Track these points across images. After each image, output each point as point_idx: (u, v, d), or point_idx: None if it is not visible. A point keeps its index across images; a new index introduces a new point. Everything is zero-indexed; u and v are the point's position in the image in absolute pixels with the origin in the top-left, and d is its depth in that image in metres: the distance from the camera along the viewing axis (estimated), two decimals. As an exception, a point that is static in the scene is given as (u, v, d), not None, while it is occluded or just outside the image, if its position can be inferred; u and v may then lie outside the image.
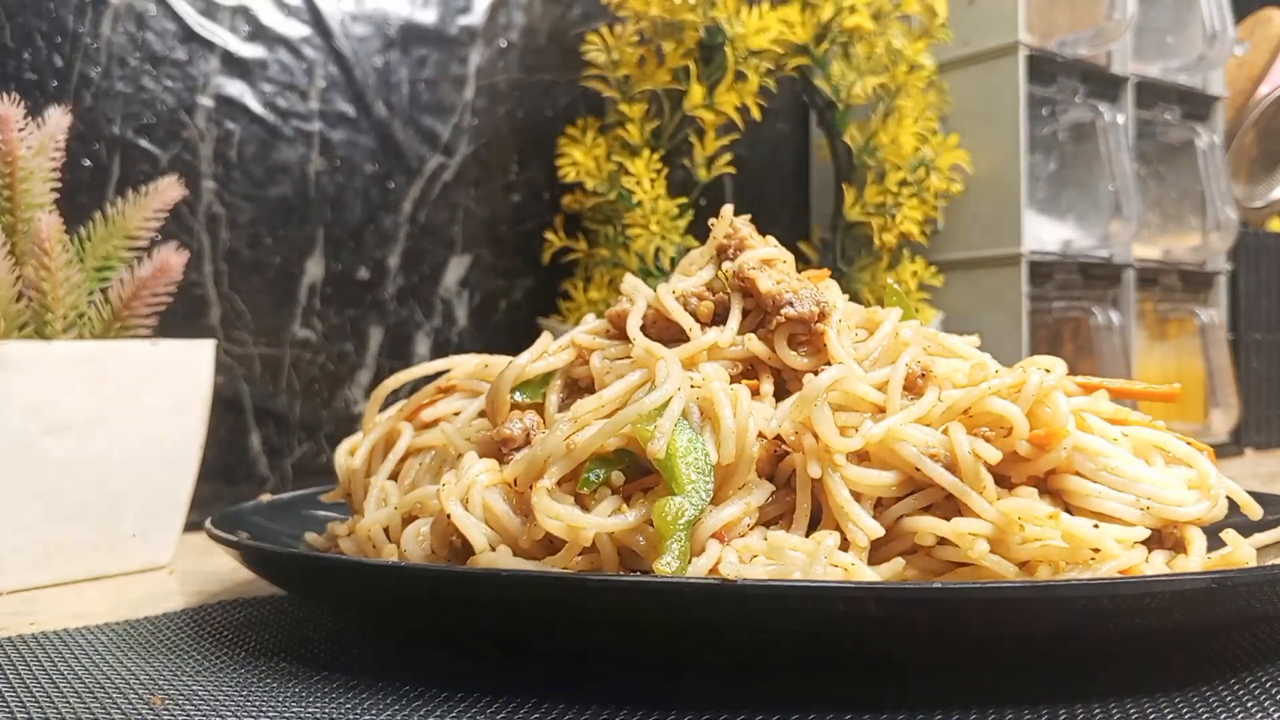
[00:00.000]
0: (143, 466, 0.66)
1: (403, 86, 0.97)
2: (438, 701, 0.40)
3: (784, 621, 0.38)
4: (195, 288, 0.86)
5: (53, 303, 0.65)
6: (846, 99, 1.02)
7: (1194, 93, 1.26)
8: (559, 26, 1.06)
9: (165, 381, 0.67)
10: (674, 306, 0.52)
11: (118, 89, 0.83)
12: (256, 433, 0.90)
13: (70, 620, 0.54)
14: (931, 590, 0.38)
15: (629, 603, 0.39)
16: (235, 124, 0.88)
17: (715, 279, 0.54)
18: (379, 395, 0.58)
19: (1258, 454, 1.31)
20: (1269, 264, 1.37)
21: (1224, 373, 1.26)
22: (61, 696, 0.41)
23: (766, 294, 0.51)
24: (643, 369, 0.48)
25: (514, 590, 0.40)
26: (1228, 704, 0.38)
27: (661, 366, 0.47)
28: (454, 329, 1.00)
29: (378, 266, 0.96)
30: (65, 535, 0.64)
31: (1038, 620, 0.38)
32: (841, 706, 0.38)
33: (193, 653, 0.48)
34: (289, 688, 0.42)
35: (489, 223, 1.02)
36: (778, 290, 0.51)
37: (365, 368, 0.95)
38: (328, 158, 0.93)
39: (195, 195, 0.86)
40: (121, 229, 0.69)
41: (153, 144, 0.84)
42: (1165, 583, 0.38)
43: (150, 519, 0.68)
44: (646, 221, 0.95)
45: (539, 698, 0.40)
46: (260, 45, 0.89)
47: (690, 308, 0.53)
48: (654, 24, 0.97)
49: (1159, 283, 1.21)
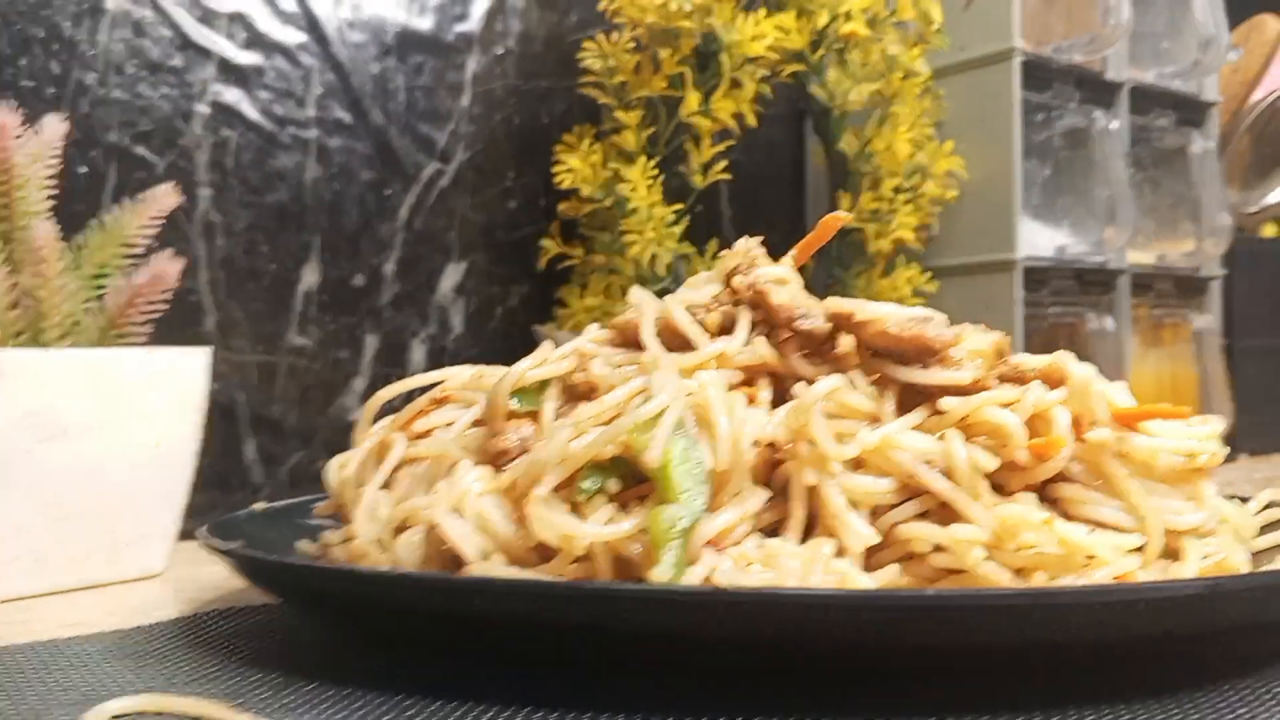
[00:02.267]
0: (138, 474, 0.66)
1: (399, 93, 0.97)
2: (432, 711, 0.40)
3: (779, 630, 0.38)
4: (191, 295, 0.86)
5: (48, 310, 0.65)
6: (842, 105, 1.03)
7: (1188, 99, 1.26)
8: (555, 33, 1.07)
9: (161, 389, 0.67)
10: (682, 317, 0.52)
11: (114, 96, 0.83)
12: (252, 440, 0.90)
13: (65, 629, 0.54)
14: (925, 597, 0.38)
15: (620, 611, 0.38)
16: (232, 131, 0.88)
17: (724, 293, 0.54)
18: (372, 407, 0.58)
19: (1252, 460, 1.31)
20: (1264, 270, 1.37)
21: (1218, 379, 1.26)
22: (59, 704, 0.41)
23: (778, 306, 0.51)
24: (647, 375, 0.48)
25: (505, 599, 0.40)
26: (1219, 710, 0.38)
27: (658, 375, 0.47)
28: (450, 336, 1.00)
29: (374, 273, 0.96)
30: (60, 543, 0.64)
31: (1030, 627, 0.38)
32: (837, 713, 0.38)
33: (186, 661, 0.47)
34: (282, 697, 0.42)
35: (485, 229, 1.02)
36: (790, 303, 0.51)
37: (361, 375, 0.95)
38: (324, 165, 0.93)
39: (191, 202, 0.86)
40: (117, 236, 0.69)
41: (149, 151, 0.84)
42: (1156, 590, 0.38)
43: (145, 527, 0.67)
44: (642, 228, 0.95)
45: (534, 706, 0.40)
46: (257, 52, 0.89)
47: (698, 318, 0.53)
48: (650, 31, 0.98)
49: (1153, 289, 1.22)
